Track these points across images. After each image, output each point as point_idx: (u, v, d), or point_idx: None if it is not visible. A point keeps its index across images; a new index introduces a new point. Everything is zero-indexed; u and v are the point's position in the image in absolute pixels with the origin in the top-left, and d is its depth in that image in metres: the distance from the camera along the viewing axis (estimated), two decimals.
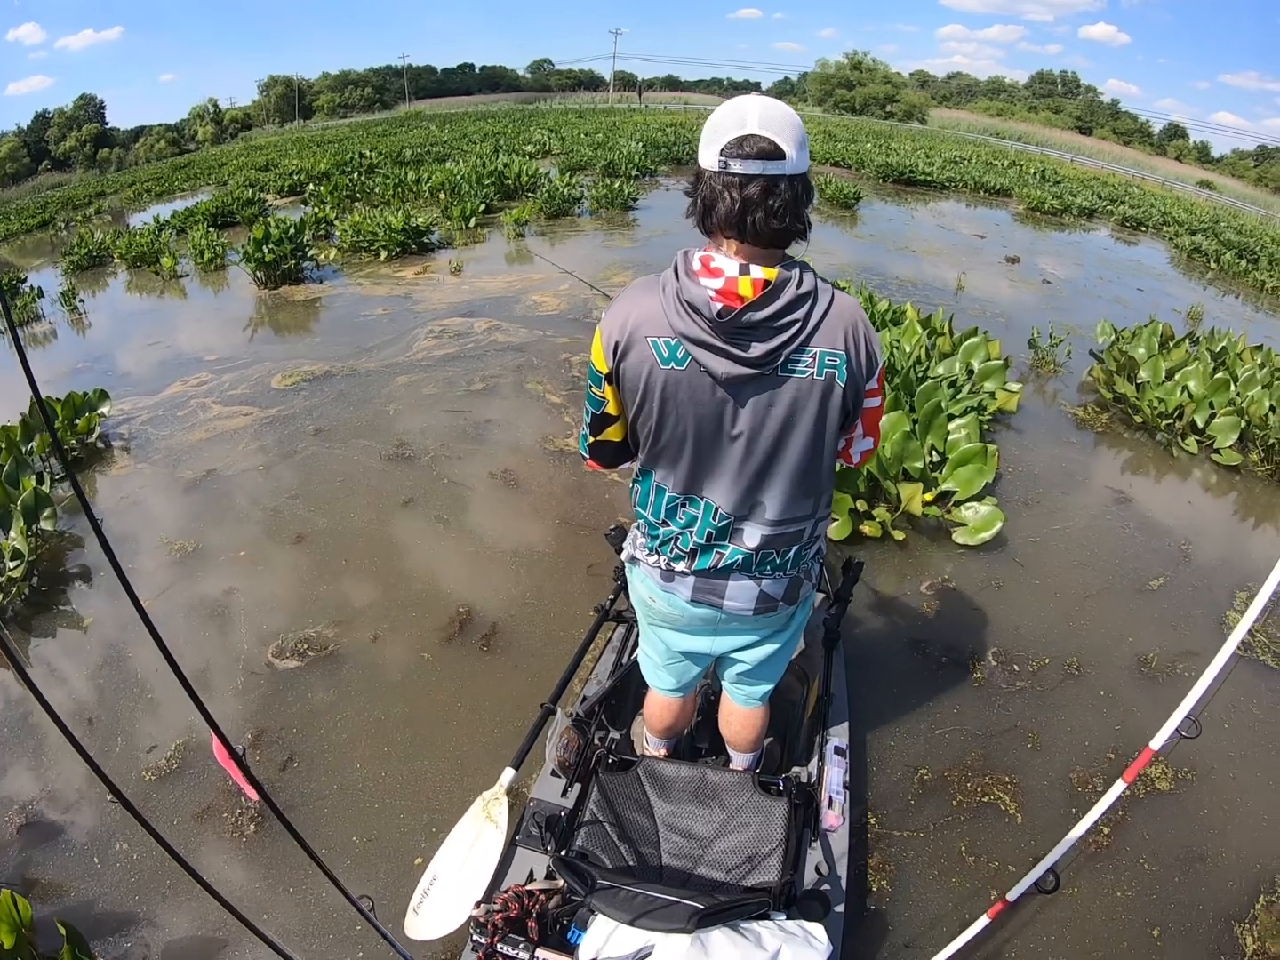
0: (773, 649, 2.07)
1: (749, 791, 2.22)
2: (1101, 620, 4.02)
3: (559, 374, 6.38)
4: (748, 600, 1.87)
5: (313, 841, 1.37)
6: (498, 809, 2.36)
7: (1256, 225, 26.67)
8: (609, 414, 1.76)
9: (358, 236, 10.56)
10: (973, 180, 22.12)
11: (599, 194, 13.73)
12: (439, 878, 2.25)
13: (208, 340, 7.58)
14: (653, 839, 2.15)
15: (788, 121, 1.47)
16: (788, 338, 1.53)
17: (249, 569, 4.11)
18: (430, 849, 2.65)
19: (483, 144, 23.69)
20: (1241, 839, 2.91)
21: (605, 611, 2.97)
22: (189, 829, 2.76)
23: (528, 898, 1.86)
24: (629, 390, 1.66)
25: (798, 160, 1.48)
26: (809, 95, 76.98)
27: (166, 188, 24.78)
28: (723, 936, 1.63)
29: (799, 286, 1.53)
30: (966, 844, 2.80)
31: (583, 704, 2.67)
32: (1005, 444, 5.72)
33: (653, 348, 1.58)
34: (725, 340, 1.52)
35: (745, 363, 1.53)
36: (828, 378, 1.58)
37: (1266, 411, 6.08)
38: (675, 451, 1.70)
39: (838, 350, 1.57)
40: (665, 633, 2.08)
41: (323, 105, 75.60)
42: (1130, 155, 59.31)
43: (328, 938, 2.45)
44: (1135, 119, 75.35)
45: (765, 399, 1.59)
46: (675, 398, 1.61)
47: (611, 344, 1.62)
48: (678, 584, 1.90)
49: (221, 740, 1.18)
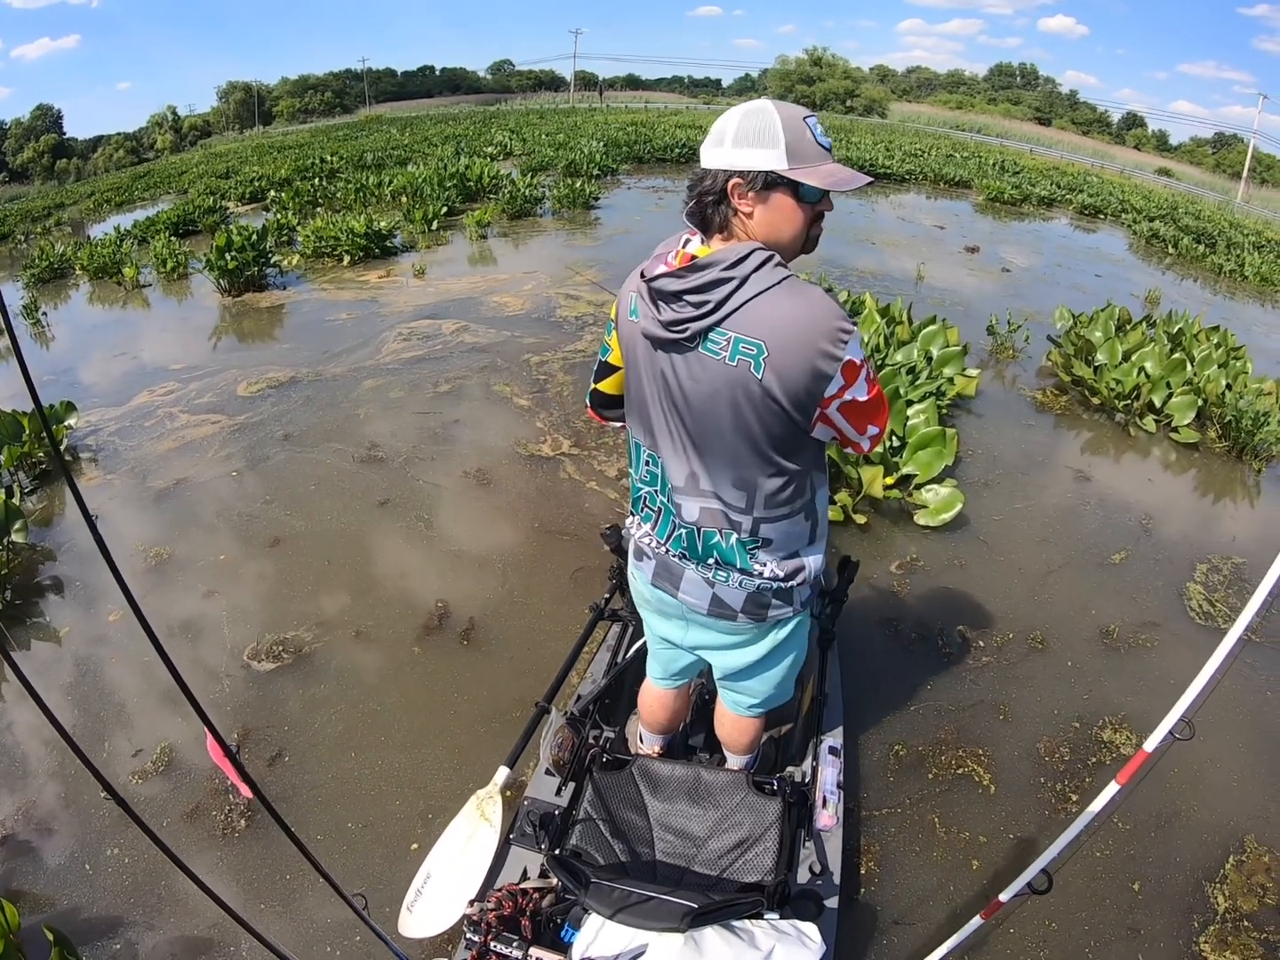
0: (746, 660, 2.02)
1: (743, 791, 2.22)
2: (1065, 594, 4.12)
3: (522, 375, 6.40)
4: (700, 598, 1.88)
5: (306, 829, 1.40)
6: (492, 807, 2.37)
7: (1214, 211, 27.15)
8: (610, 363, 1.88)
9: (320, 242, 10.51)
10: (933, 172, 22.37)
11: (561, 194, 13.72)
12: (433, 876, 2.25)
13: (173, 349, 7.53)
14: (647, 838, 2.16)
15: (733, 125, 1.52)
16: (696, 314, 1.54)
17: (228, 572, 4.11)
18: (426, 835, 2.70)
19: (444, 146, 23.57)
20: (1211, 802, 3.00)
21: (600, 610, 2.95)
22: (179, 830, 2.77)
23: (521, 896, 1.87)
24: (618, 340, 1.80)
25: (705, 157, 1.57)
26: (769, 92, 77.31)
27: (127, 197, 24.45)
28: (716, 935, 1.63)
29: (727, 269, 1.51)
30: (960, 828, 2.86)
31: (577, 703, 2.64)
32: (965, 428, 5.81)
33: (628, 301, 1.70)
34: (648, 300, 1.62)
35: (660, 324, 1.60)
36: (740, 365, 1.54)
37: (1223, 390, 6.24)
38: (635, 405, 1.79)
39: (755, 339, 1.51)
40: (646, 613, 2.13)
41: (283, 110, 74.67)
42: (1089, 145, 59.86)
43: (321, 935, 2.47)
44: (1094, 109, 76.19)
45: (690, 369, 1.61)
46: (630, 351, 1.74)
47: (620, 297, 1.76)
48: (644, 564, 1.96)
49: (215, 737, 1.19)
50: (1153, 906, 2.62)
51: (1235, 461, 5.88)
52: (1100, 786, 2.99)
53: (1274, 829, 2.92)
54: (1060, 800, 2.96)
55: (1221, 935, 2.55)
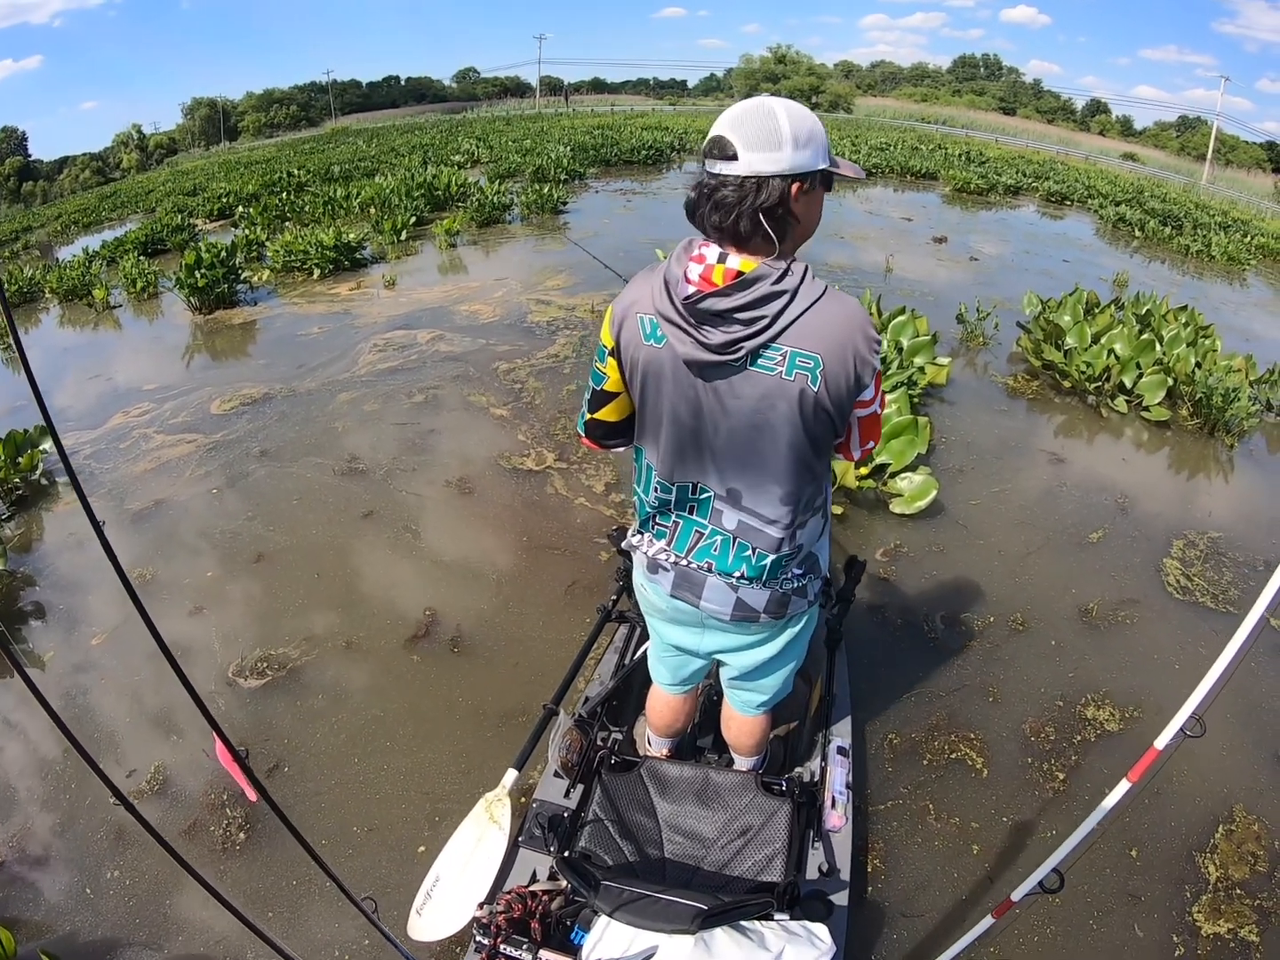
0: (762, 658, 2.03)
1: (752, 792, 2.23)
2: (1045, 574, 4.18)
3: (492, 384, 6.40)
4: (723, 604, 1.86)
5: (309, 835, 1.39)
6: (501, 810, 2.37)
7: (1180, 193, 27.53)
8: (608, 391, 1.79)
9: (290, 256, 10.44)
10: (899, 165, 22.50)
11: (529, 200, 13.69)
12: (442, 879, 2.26)
13: (146, 370, 7.46)
14: (656, 839, 2.16)
15: (760, 125, 1.47)
16: (750, 332, 1.52)
17: (215, 589, 4.08)
18: (433, 838, 2.69)
19: (411, 156, 23.49)
20: (1199, 771, 3.04)
21: (608, 612, 2.96)
22: (178, 847, 2.74)
23: (530, 899, 1.86)
24: (624, 365, 1.71)
25: (749, 162, 1.46)
26: (735, 91, 77.50)
27: (94, 218, 24.22)
28: (726, 937, 1.63)
29: (776, 283, 1.51)
30: (959, 816, 2.89)
31: (585, 704, 2.65)
32: (938, 416, 5.86)
33: (639, 324, 1.63)
34: (688, 323, 1.55)
35: (705, 348, 1.54)
36: (799, 380, 1.55)
37: (1192, 368, 6.32)
38: (656, 428, 1.73)
39: (811, 352, 1.53)
40: (657, 622, 2.10)
41: (248, 126, 74.25)
42: (1054, 133, 60.34)
43: (329, 940, 2.46)
44: (1058, 97, 77.12)
45: (734, 389, 1.59)
46: (655, 375, 1.65)
47: (616, 320, 1.69)
48: (660, 577, 1.91)
49: (224, 742, 1.21)
50: (1151, 872, 2.67)
51: (1207, 438, 5.96)
52: (1088, 760, 3.06)
53: (1263, 798, 2.97)
54: (1048, 779, 3.00)
55: (1215, 904, 2.59)
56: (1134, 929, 2.51)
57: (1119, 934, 2.50)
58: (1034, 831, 2.80)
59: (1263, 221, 23.68)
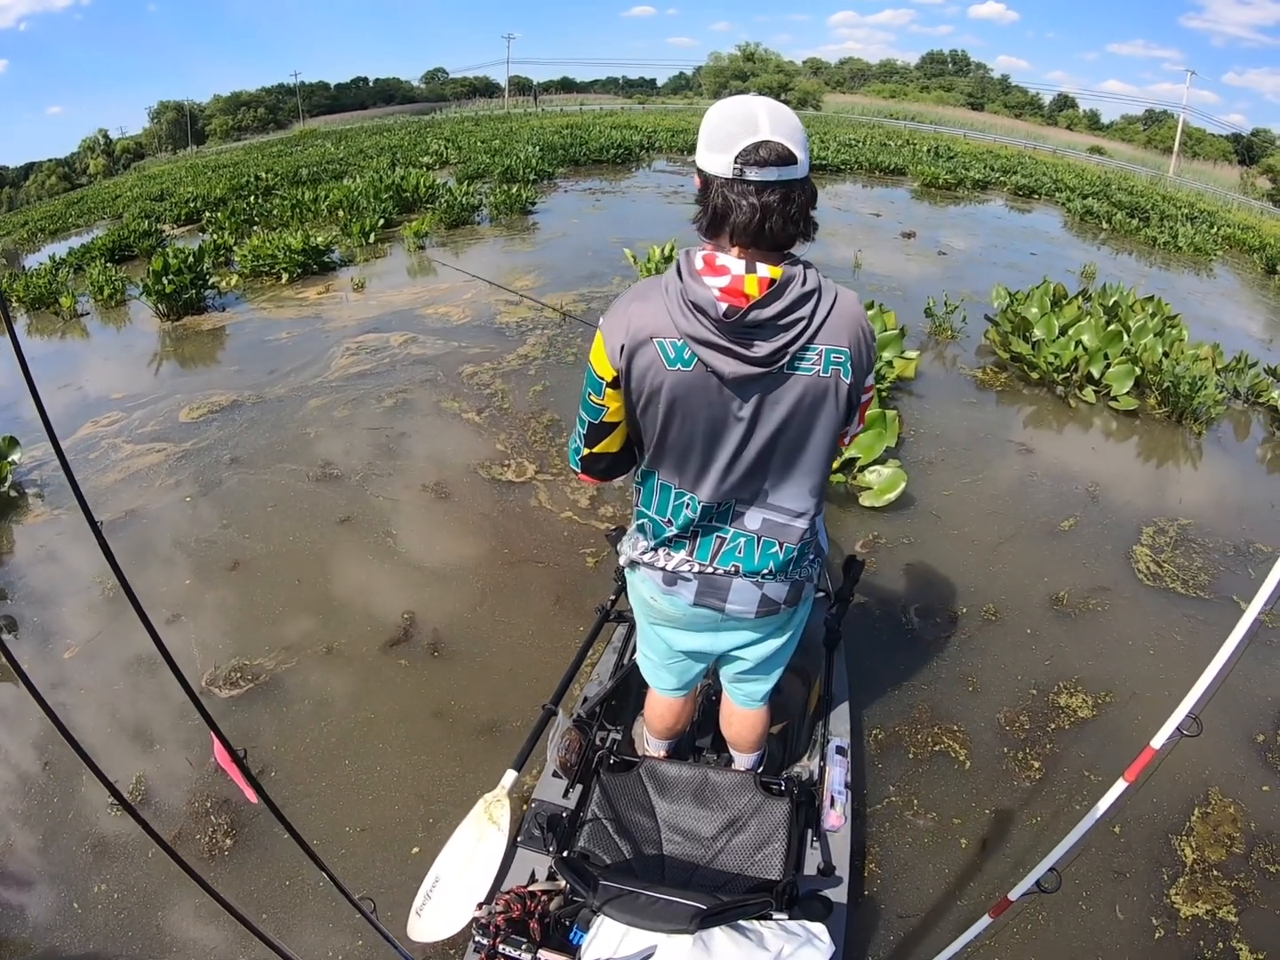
0: (774, 646, 2.07)
1: (751, 791, 2.22)
2: (1019, 563, 4.24)
3: (465, 387, 6.38)
4: (748, 603, 1.87)
5: (302, 835, 1.39)
6: (500, 810, 2.36)
7: (1147, 186, 27.81)
8: (607, 422, 1.73)
9: (258, 261, 10.33)
10: (868, 161, 22.59)
11: (498, 200, 13.61)
12: (441, 879, 2.25)
13: (114, 378, 7.36)
14: (654, 839, 2.16)
15: (795, 125, 1.47)
16: (793, 336, 1.53)
17: (192, 598, 4.03)
18: (427, 839, 2.69)
19: (379, 158, 23.30)
20: (1176, 756, 3.08)
21: (606, 612, 2.95)
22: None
23: (529, 899, 1.84)
24: (634, 392, 1.63)
25: (805, 164, 1.48)
26: (704, 89, 77.58)
27: (60, 225, 23.80)
28: (725, 937, 1.62)
29: (804, 284, 1.53)
30: (947, 810, 2.92)
31: (584, 704, 2.65)
32: (907, 409, 5.91)
33: (659, 349, 1.56)
34: (731, 340, 1.52)
35: (752, 361, 1.53)
36: (833, 375, 1.58)
37: (1160, 358, 6.40)
38: (682, 451, 1.69)
39: (843, 347, 1.57)
40: (667, 631, 2.07)
41: (216, 129, 73.35)
42: (1022, 127, 60.90)
43: (324, 939, 2.46)
44: (1025, 92, 77.81)
45: (772, 397, 1.59)
46: (682, 399, 1.60)
47: (617, 348, 1.59)
48: (680, 588, 1.88)
49: (223, 742, 1.20)
50: (1131, 853, 2.72)
51: (1175, 426, 6.05)
52: (1061, 746, 3.10)
53: (1239, 783, 3.02)
54: (1023, 767, 3.04)
55: (1192, 886, 2.63)
56: (1115, 910, 2.55)
57: (1103, 914, 2.54)
58: (1024, 823, 2.84)
59: (1229, 213, 23.99)
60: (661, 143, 25.61)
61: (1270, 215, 27.82)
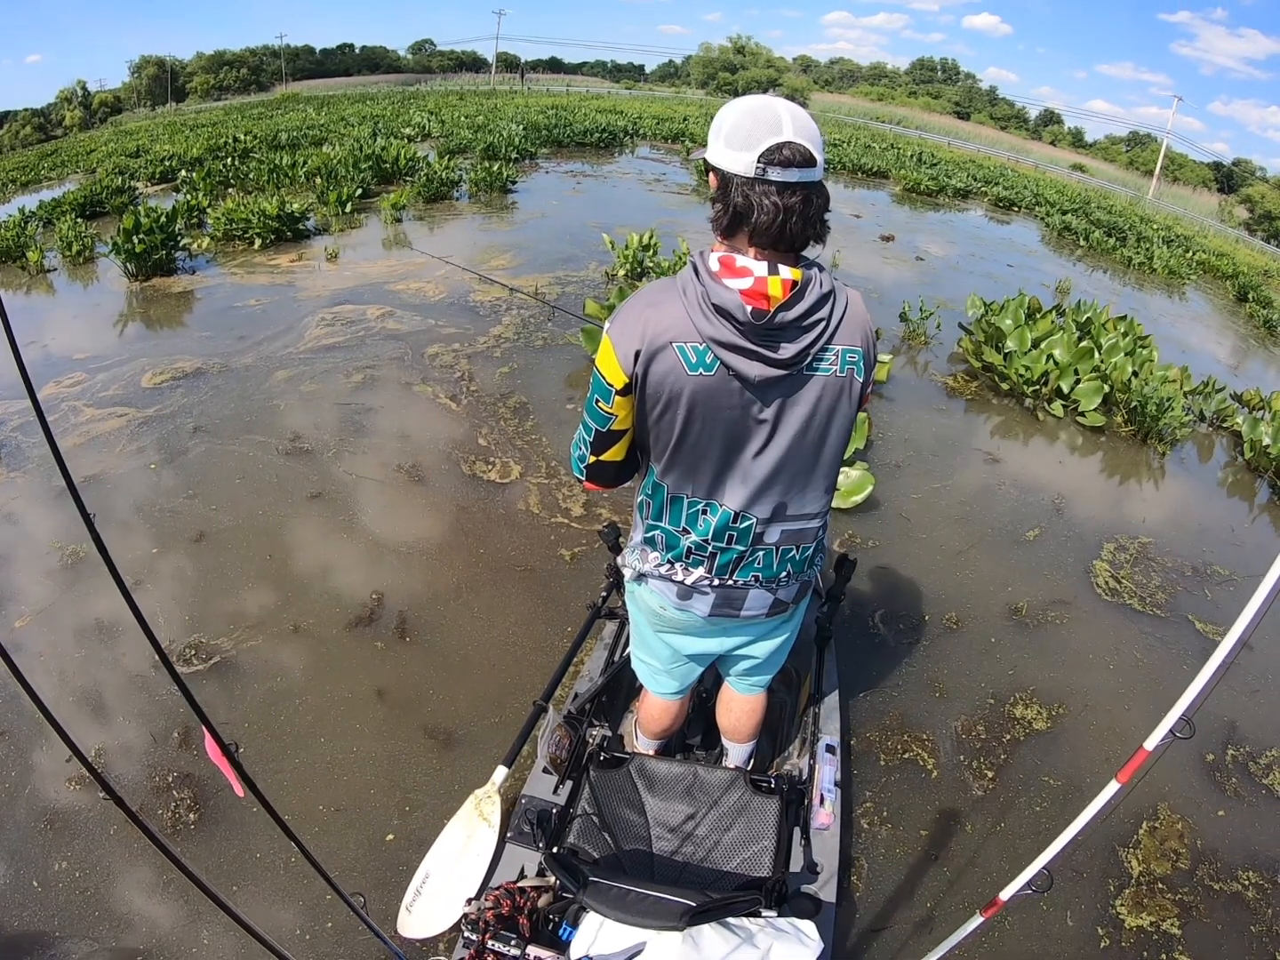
0: (781, 640, 2.10)
1: (740, 789, 2.23)
2: (983, 570, 4.28)
3: (431, 372, 6.32)
4: (762, 607, 1.89)
5: (290, 828, 1.36)
6: (490, 807, 2.37)
7: (1126, 206, 28.24)
8: (615, 430, 1.68)
9: (231, 224, 10.13)
10: (851, 162, 22.65)
11: (478, 177, 13.49)
12: (431, 875, 2.26)
13: (79, 338, 7.16)
14: (644, 836, 2.16)
15: (814, 128, 1.46)
16: (815, 337, 1.53)
17: (155, 568, 3.93)
18: (403, 827, 2.66)
19: (361, 127, 22.96)
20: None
21: (598, 609, 2.95)
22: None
23: (519, 895, 1.85)
24: (650, 399, 1.59)
25: (822, 167, 1.48)
26: (692, 78, 77.43)
27: (33, 177, 23.17)
28: (714, 933, 1.62)
29: (821, 286, 1.53)
30: (920, 816, 2.93)
31: (574, 701, 2.63)
32: (876, 412, 5.93)
33: (679, 354, 1.52)
34: (756, 342, 1.50)
35: (776, 364, 1.52)
36: (849, 374, 1.60)
37: (1129, 377, 6.49)
38: (699, 457, 1.66)
39: (857, 347, 1.60)
40: (675, 638, 2.05)
41: (197, 87, 71.93)
42: (1006, 139, 61.48)
43: (292, 917, 2.42)
44: (1012, 105, 78.72)
45: (793, 399, 1.59)
46: (703, 404, 1.57)
47: (631, 353, 1.54)
48: (696, 601, 1.86)
49: (213, 735, 1.18)
50: (1074, 863, 2.73)
51: (1140, 445, 6.13)
52: (1014, 758, 3.13)
53: (1186, 799, 3.06)
54: (979, 776, 3.06)
55: (1137, 897, 2.66)
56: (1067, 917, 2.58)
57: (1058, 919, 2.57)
58: (1016, 827, 2.87)
59: (1205, 238, 24.47)
60: (646, 130, 25.51)
61: (1245, 244, 28.34)
